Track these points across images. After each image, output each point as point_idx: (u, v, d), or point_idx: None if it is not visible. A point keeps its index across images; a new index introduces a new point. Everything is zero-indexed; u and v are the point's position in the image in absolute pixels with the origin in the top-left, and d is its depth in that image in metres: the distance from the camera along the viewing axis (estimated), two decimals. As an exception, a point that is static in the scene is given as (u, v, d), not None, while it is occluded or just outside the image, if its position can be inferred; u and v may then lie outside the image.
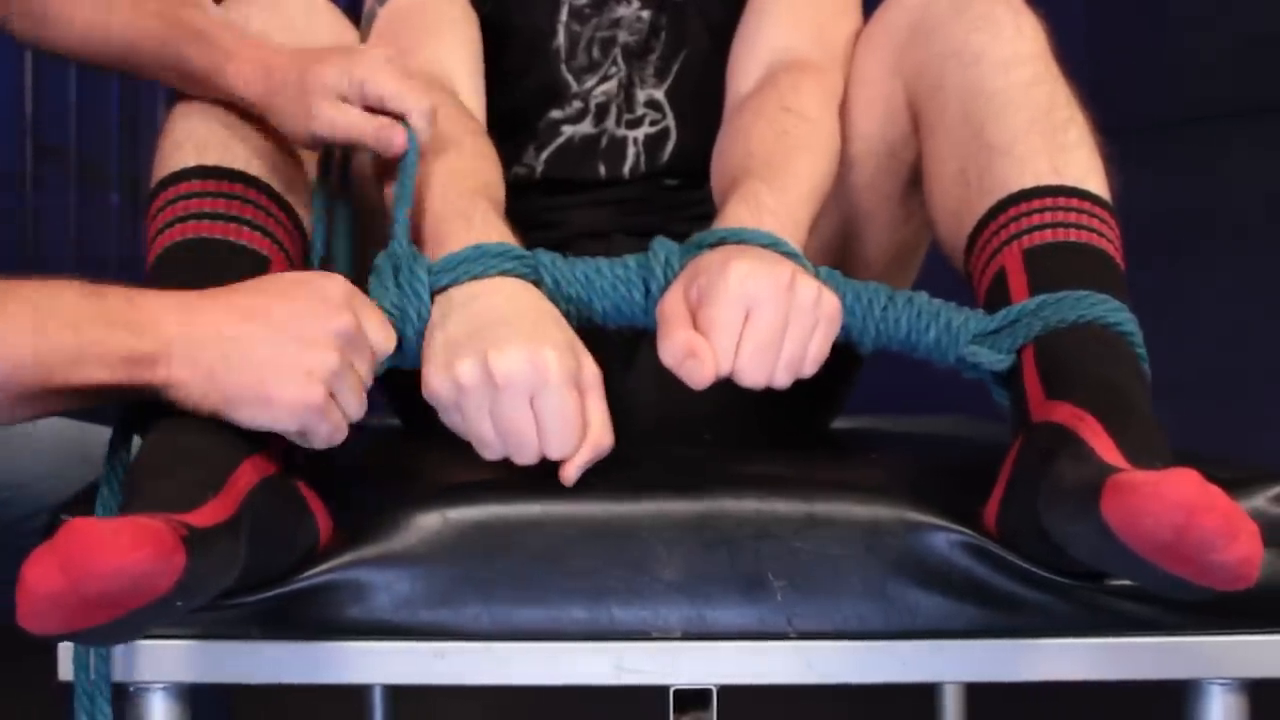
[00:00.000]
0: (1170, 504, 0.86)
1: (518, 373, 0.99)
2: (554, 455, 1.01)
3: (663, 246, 1.10)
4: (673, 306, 1.05)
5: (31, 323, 0.91)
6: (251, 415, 0.95)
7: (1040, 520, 0.95)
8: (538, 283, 1.08)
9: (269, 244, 1.13)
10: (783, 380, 1.04)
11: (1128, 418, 0.98)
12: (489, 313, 1.03)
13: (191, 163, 1.14)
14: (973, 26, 1.18)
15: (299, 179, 1.17)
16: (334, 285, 1.00)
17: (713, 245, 1.09)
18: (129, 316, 0.93)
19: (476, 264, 1.06)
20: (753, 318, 1.02)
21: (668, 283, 1.08)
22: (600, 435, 1.02)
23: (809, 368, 1.05)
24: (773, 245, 1.08)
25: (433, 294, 1.06)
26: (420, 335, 1.05)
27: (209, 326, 0.94)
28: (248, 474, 0.95)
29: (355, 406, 0.99)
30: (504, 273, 1.07)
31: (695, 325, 1.03)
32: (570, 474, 1.02)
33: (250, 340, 0.95)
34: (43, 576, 0.81)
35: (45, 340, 0.91)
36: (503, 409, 1.00)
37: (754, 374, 1.03)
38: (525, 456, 1.01)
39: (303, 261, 1.16)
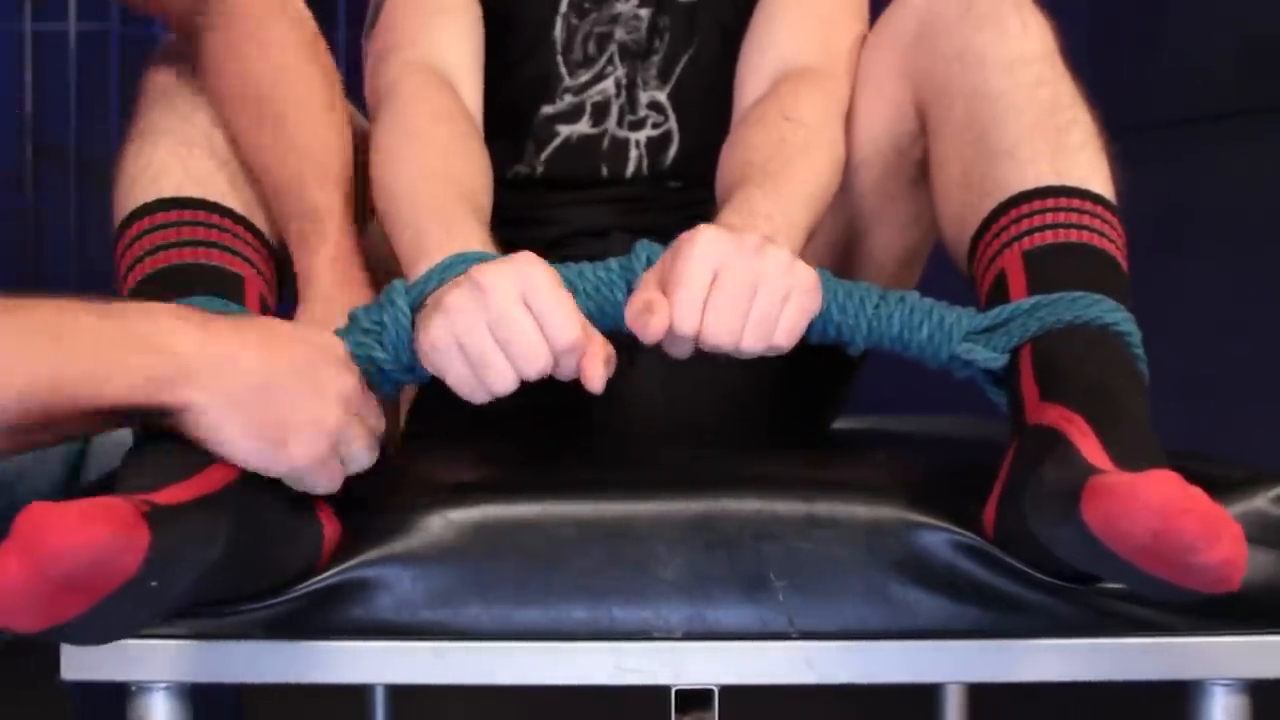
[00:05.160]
0: (1149, 506, 0.86)
1: (504, 276, 0.98)
2: (561, 343, 0.98)
3: (646, 248, 1.09)
4: (644, 279, 1.04)
5: (49, 347, 0.89)
6: (257, 455, 0.93)
7: (1027, 523, 0.95)
8: None
9: (240, 262, 1.13)
10: (751, 344, 1.02)
11: (1118, 419, 0.98)
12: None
13: (152, 196, 1.14)
14: (978, 26, 1.18)
15: (257, 197, 1.18)
16: (337, 343, 1.00)
17: None
18: (149, 336, 0.91)
19: (458, 270, 1.05)
20: (720, 278, 1.01)
21: None
22: (599, 337, 1.00)
23: (781, 337, 1.03)
24: None
25: (415, 308, 1.05)
26: (399, 345, 1.04)
27: (226, 351, 0.93)
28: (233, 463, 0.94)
29: (365, 459, 0.98)
30: None
31: (663, 289, 1.02)
32: (596, 374, 0.99)
33: (272, 377, 0.93)
34: (3, 566, 0.80)
35: (64, 364, 0.89)
36: (498, 314, 0.98)
37: (719, 335, 1.01)
38: (536, 360, 0.98)
39: (274, 278, 1.17)
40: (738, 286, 1.01)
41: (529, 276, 0.99)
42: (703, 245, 1.01)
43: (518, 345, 0.98)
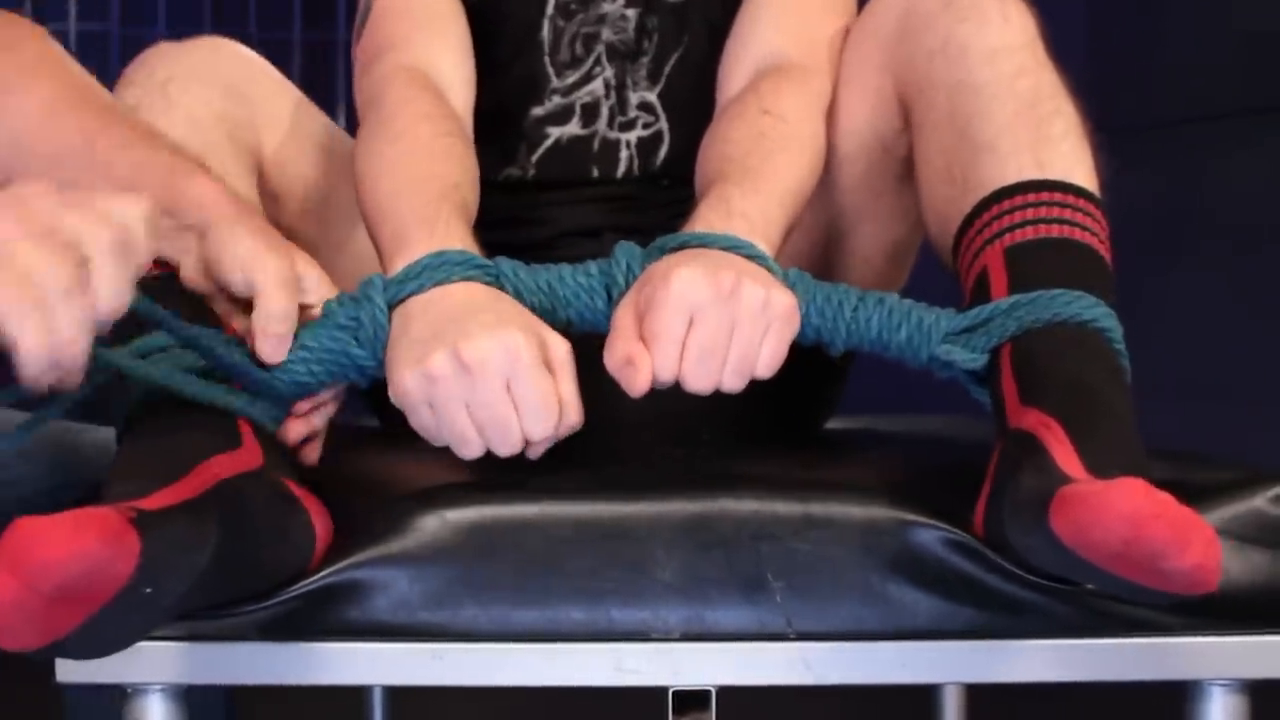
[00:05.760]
0: (1117, 515, 0.86)
1: (491, 358, 0.99)
2: (536, 437, 1.01)
3: (624, 252, 1.10)
4: (621, 317, 1.05)
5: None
6: None
7: (1004, 530, 0.95)
8: (500, 290, 1.08)
9: None
10: (732, 384, 1.04)
11: (1095, 423, 0.98)
12: (450, 311, 1.03)
13: None
14: (959, 18, 1.17)
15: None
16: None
17: (675, 249, 1.09)
18: None
19: (438, 271, 1.06)
20: (695, 324, 1.02)
21: (628, 287, 1.09)
22: (568, 414, 1.02)
23: (763, 370, 1.04)
24: (733, 247, 1.08)
25: (393, 305, 1.05)
26: (375, 342, 1.05)
27: None
28: (218, 466, 0.94)
29: (111, 279, 0.83)
30: (465, 279, 1.07)
31: (641, 334, 1.03)
32: (536, 451, 1.02)
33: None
34: None
35: None
36: (480, 397, 0.99)
37: (698, 380, 1.03)
38: (508, 444, 1.01)
39: None
40: (714, 334, 1.02)
41: (515, 358, 0.99)
42: (678, 290, 1.02)
43: (496, 429, 1.00)
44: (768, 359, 1.04)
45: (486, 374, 0.99)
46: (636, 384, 1.02)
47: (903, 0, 1.22)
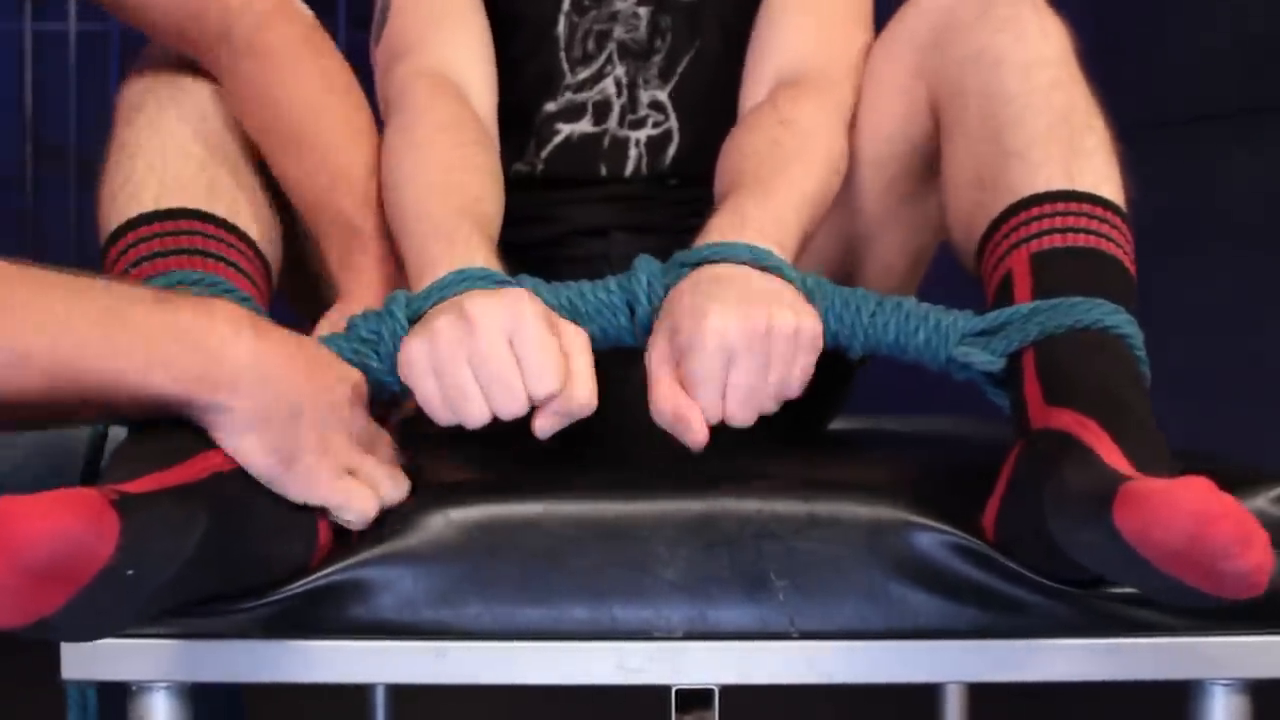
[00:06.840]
0: (1184, 512, 0.86)
1: (492, 313, 0.99)
2: (539, 393, 1.00)
3: (644, 268, 1.11)
4: (658, 361, 1.06)
5: (101, 325, 0.90)
6: (266, 470, 0.95)
7: (1046, 526, 0.95)
8: None
9: (224, 267, 1.13)
10: (770, 409, 1.06)
11: (1129, 424, 0.99)
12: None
13: (133, 213, 1.14)
14: (996, 29, 1.18)
15: (247, 202, 1.18)
16: (360, 379, 1.02)
17: (695, 265, 1.09)
18: (202, 336, 0.92)
19: (459, 287, 1.06)
20: (734, 366, 1.04)
21: (651, 304, 1.09)
22: (579, 389, 1.02)
23: (794, 391, 1.06)
24: (753, 259, 1.09)
25: (414, 321, 1.06)
26: (394, 356, 1.05)
27: (274, 369, 0.94)
28: (219, 457, 0.94)
29: (392, 492, 1.01)
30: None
31: (680, 377, 1.05)
32: (544, 424, 1.02)
33: (304, 406, 0.95)
34: None
35: (114, 346, 0.90)
36: (482, 352, 0.99)
37: (743, 417, 1.05)
38: (510, 404, 1.00)
39: (266, 285, 1.17)
40: (753, 374, 1.04)
41: (518, 315, 1.00)
42: (715, 337, 1.03)
43: (496, 387, 1.00)
44: (798, 381, 1.06)
45: (488, 328, 0.99)
46: (692, 438, 1.04)
47: (938, 7, 1.22)
